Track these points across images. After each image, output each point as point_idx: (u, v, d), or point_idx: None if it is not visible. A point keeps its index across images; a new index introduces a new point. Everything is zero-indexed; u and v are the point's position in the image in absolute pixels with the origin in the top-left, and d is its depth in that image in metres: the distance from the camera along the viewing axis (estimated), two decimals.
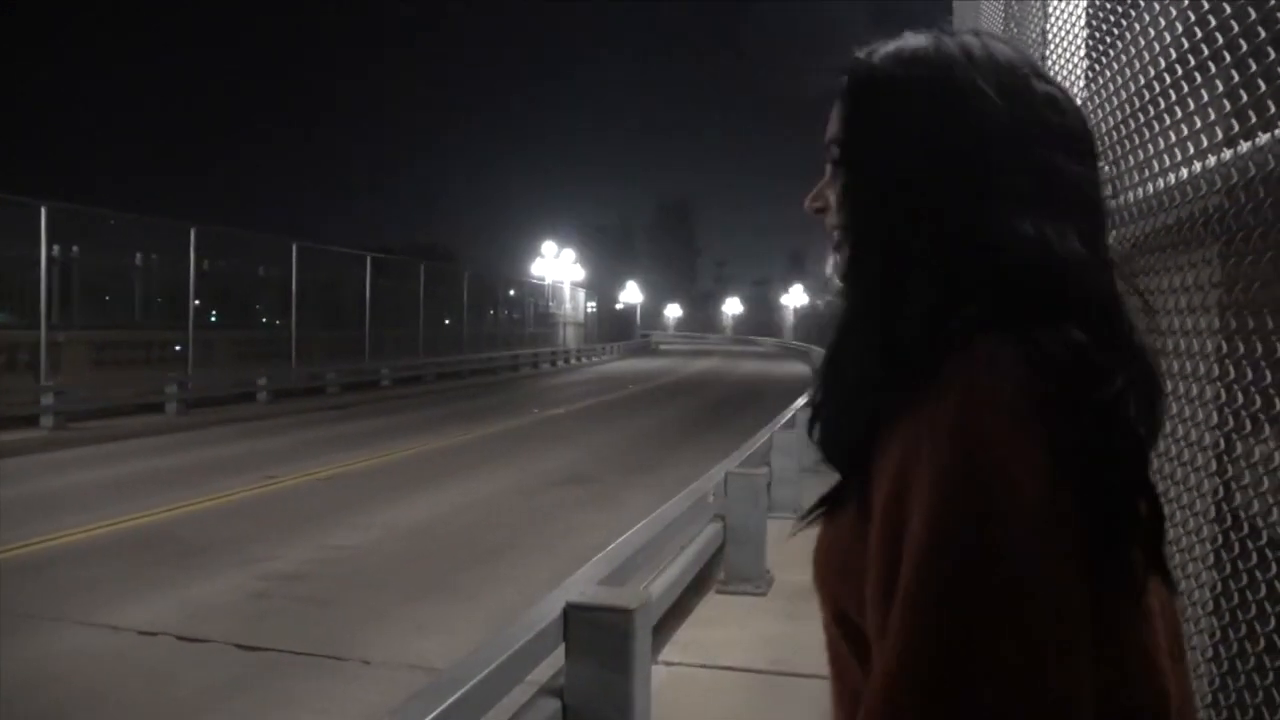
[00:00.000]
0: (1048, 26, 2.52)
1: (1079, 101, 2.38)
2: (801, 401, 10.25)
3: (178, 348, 18.53)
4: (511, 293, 40.78)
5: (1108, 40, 1.94)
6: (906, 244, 0.75)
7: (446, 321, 31.23)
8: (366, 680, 4.51)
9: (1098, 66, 2.04)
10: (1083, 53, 2.21)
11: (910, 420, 0.69)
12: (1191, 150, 1.29)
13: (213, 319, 21.74)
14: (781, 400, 13.54)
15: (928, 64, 0.79)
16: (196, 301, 18.82)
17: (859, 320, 0.79)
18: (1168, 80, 1.40)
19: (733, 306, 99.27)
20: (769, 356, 46.67)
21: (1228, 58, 1.17)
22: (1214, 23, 1.21)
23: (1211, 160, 1.18)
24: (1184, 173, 1.28)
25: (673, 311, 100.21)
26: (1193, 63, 1.30)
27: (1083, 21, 2.20)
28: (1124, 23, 1.81)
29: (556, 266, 45.57)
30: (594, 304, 53.14)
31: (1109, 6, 1.91)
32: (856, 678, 0.75)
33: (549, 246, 45.83)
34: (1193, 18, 1.30)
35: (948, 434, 0.66)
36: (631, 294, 72.70)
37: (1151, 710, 0.71)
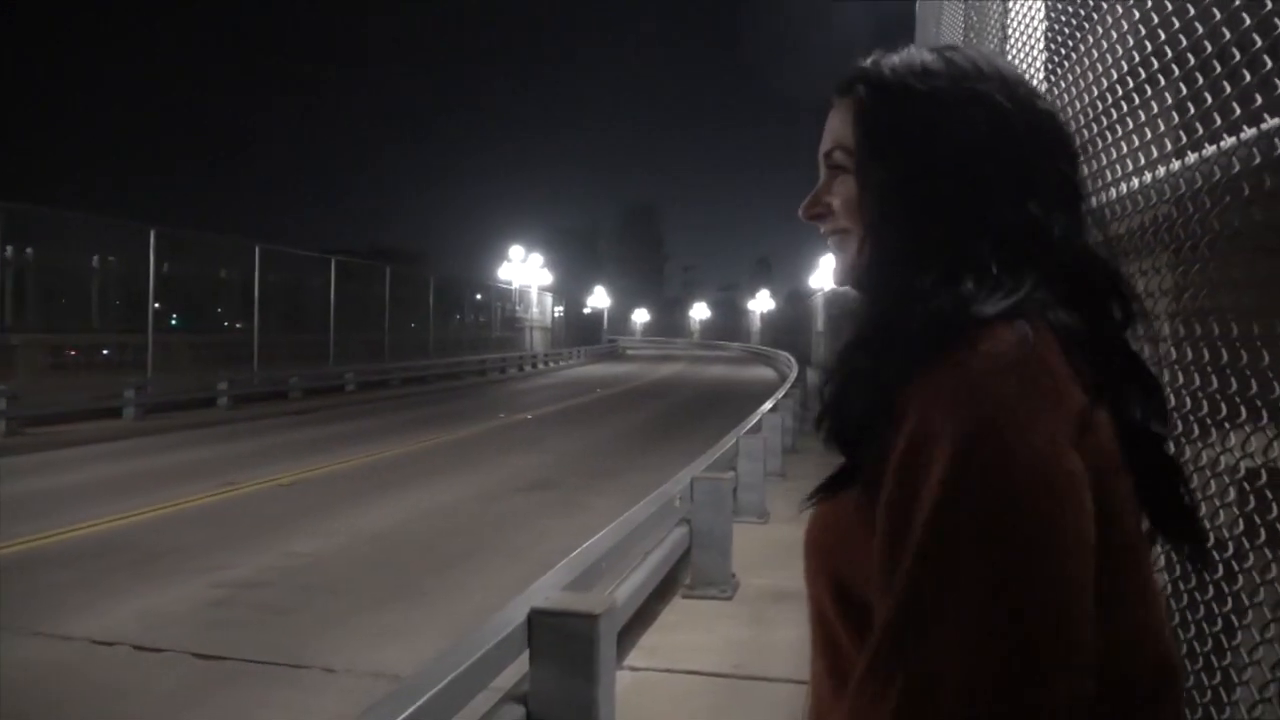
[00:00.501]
0: (1007, 39, 2.56)
1: None
2: (768, 406, 10.30)
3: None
4: (478, 297, 40.60)
5: (1064, 52, 1.98)
6: (939, 241, 0.79)
7: (412, 325, 31.00)
8: (328, 689, 4.45)
9: (1054, 77, 2.07)
10: (1041, 61, 2.25)
11: (929, 385, 0.71)
12: (1143, 161, 1.32)
13: (173, 322, 21.41)
14: (747, 405, 13.60)
15: (945, 75, 0.82)
16: (156, 304, 18.51)
17: (893, 310, 0.80)
18: (1120, 93, 1.43)
19: (700, 311, 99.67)
20: (735, 361, 46.86)
21: (1176, 71, 1.20)
22: (1163, 37, 1.24)
23: (1161, 171, 1.20)
24: (1135, 182, 1.31)
25: (640, 316, 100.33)
26: (1143, 75, 1.33)
27: (1041, 34, 2.24)
28: (1078, 35, 1.84)
29: (524, 270, 45.42)
30: (561, 308, 53.05)
31: (1064, 20, 1.95)
32: (852, 659, 0.76)
33: (516, 250, 45.67)
34: (1143, 31, 1.33)
35: (969, 397, 0.69)
36: (599, 298, 72.69)
37: (1153, 677, 0.74)
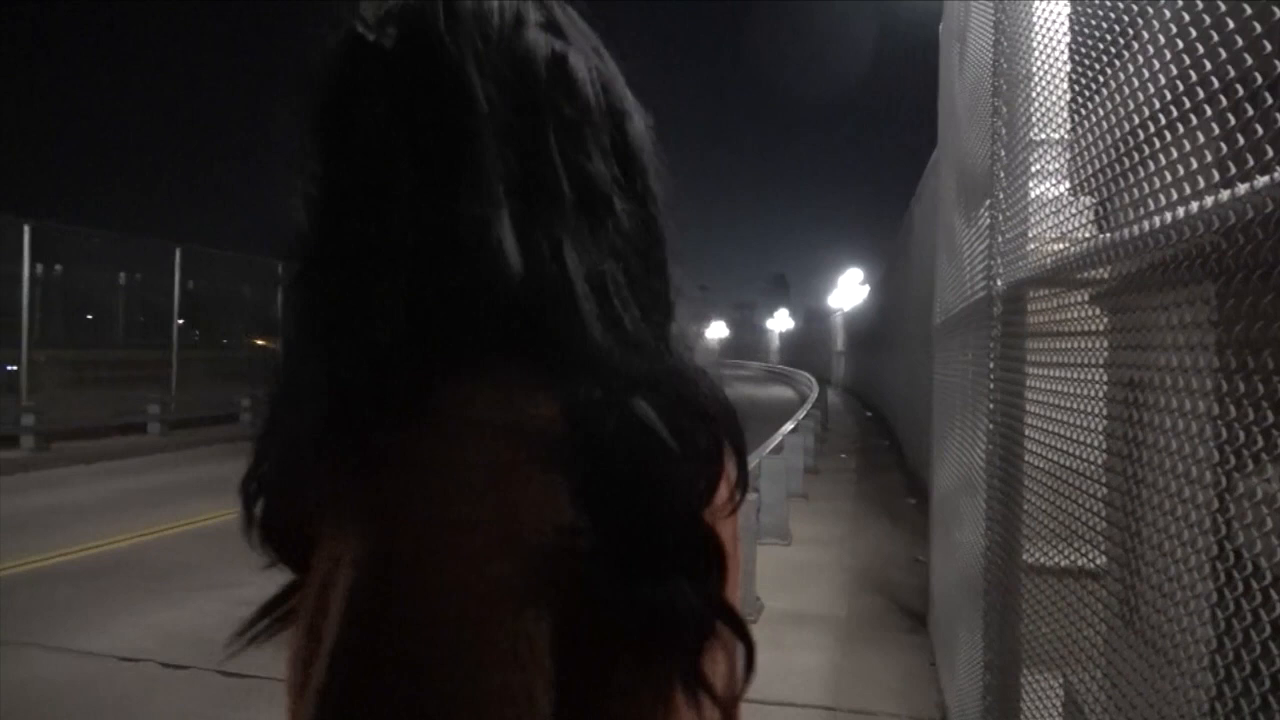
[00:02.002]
0: (1031, 46, 2.54)
1: (1058, 134, 2.43)
2: (789, 427, 10.26)
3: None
4: None
5: (1091, 73, 1.97)
6: (346, 255, 0.60)
7: None
8: None
9: (1083, 97, 2.06)
10: (1065, 86, 2.24)
11: (342, 501, 0.55)
12: (1188, 190, 1.31)
13: (195, 338, 21.61)
14: (768, 425, 13.56)
15: (400, 22, 0.62)
16: (181, 321, 18.73)
17: (305, 340, 0.62)
18: (1162, 121, 1.42)
19: (717, 330, 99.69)
20: (753, 380, 46.69)
21: (1224, 101, 1.20)
22: (1209, 67, 1.24)
23: (1209, 200, 1.20)
24: (1180, 211, 1.30)
25: None
26: (1188, 105, 1.32)
27: (1065, 54, 2.23)
28: (1106, 57, 1.83)
29: None
30: None
31: (1093, 43, 1.94)
32: None
33: None
34: (1187, 61, 1.32)
35: (368, 529, 0.53)
36: None
37: None
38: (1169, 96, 1.42)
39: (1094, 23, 1.94)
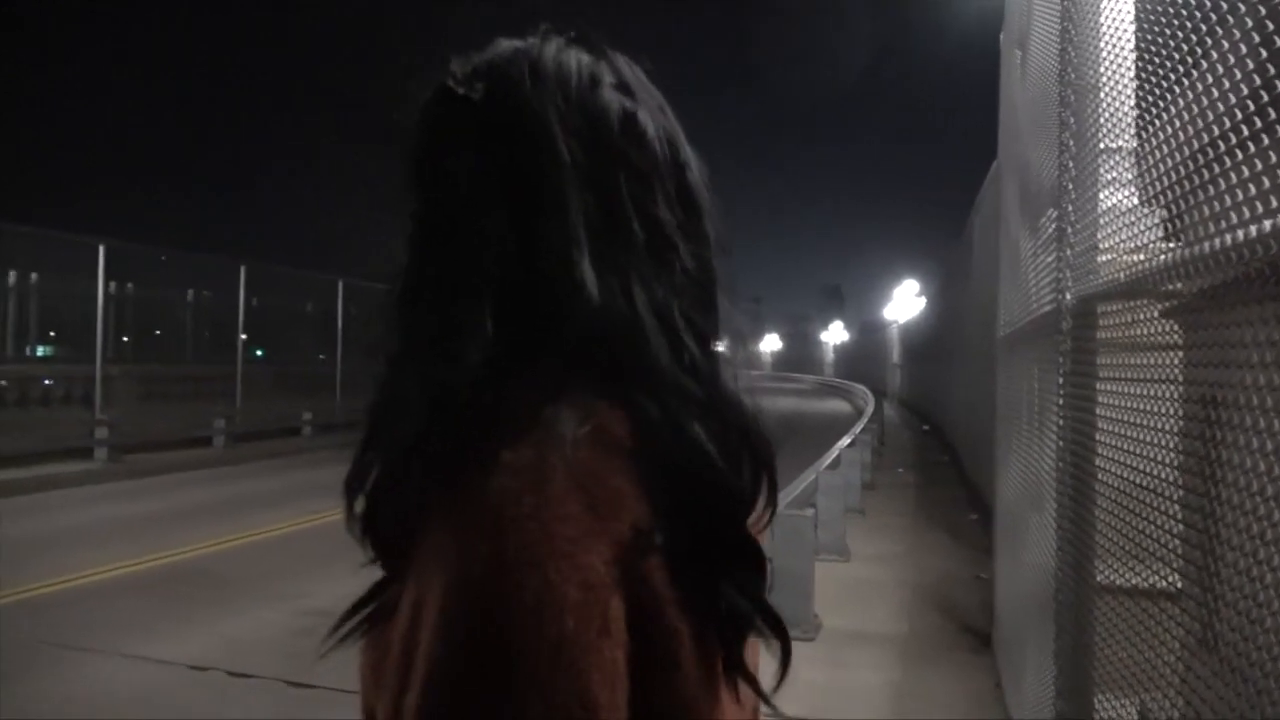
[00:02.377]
0: (1101, 70, 2.49)
1: (1130, 144, 2.37)
2: (846, 441, 10.15)
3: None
4: None
5: (1166, 83, 1.92)
6: (442, 284, 0.67)
7: None
8: None
9: (1156, 108, 2.01)
10: (1132, 100, 2.19)
11: (445, 502, 0.61)
12: (1275, 203, 1.27)
13: (258, 354, 22.15)
14: (824, 439, 13.44)
15: (488, 79, 0.69)
16: (244, 336, 19.22)
17: (406, 363, 0.69)
18: (1245, 132, 1.38)
19: (771, 343, 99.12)
20: (808, 393, 46.31)
21: None
22: None
23: None
24: (1267, 225, 1.27)
25: None
26: (1274, 115, 1.28)
27: (1133, 61, 2.18)
28: (1183, 67, 1.79)
29: None
30: None
31: (1166, 52, 1.89)
32: None
33: None
34: (1272, 70, 1.29)
35: (472, 524, 0.59)
36: None
37: None
38: (1252, 106, 1.38)
39: (1167, 31, 1.90)
